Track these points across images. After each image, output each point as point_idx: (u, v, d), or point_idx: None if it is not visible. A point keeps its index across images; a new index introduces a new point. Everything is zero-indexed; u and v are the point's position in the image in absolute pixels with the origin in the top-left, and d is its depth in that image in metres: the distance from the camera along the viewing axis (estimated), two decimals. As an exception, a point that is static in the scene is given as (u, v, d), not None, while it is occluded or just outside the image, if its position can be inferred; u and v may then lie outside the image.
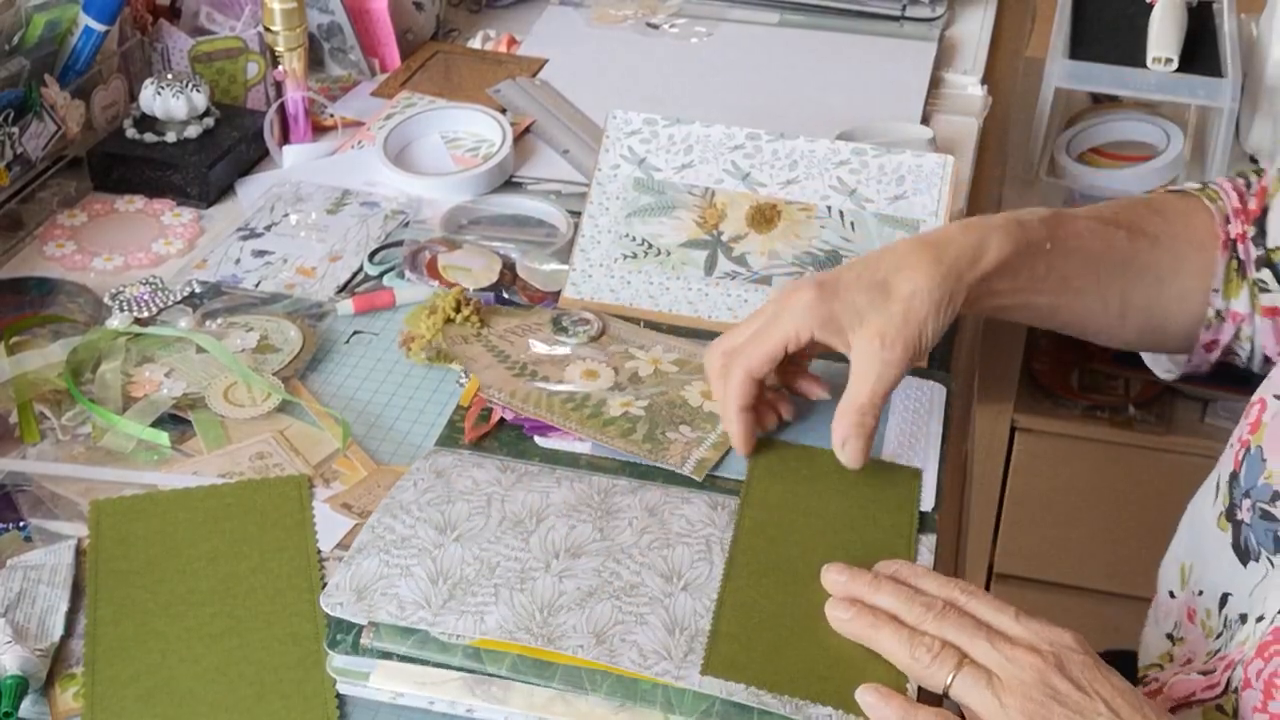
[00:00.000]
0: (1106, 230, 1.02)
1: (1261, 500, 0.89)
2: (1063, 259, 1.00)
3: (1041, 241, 0.99)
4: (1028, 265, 0.98)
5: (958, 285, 0.95)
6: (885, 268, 0.95)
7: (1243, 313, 1.03)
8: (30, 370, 1.07)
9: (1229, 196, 1.05)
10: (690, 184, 1.20)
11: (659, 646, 0.81)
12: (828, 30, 1.62)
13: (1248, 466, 0.91)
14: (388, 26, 1.51)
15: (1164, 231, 1.04)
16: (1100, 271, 1.01)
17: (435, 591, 0.84)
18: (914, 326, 0.93)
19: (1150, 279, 1.03)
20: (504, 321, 1.10)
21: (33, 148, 1.26)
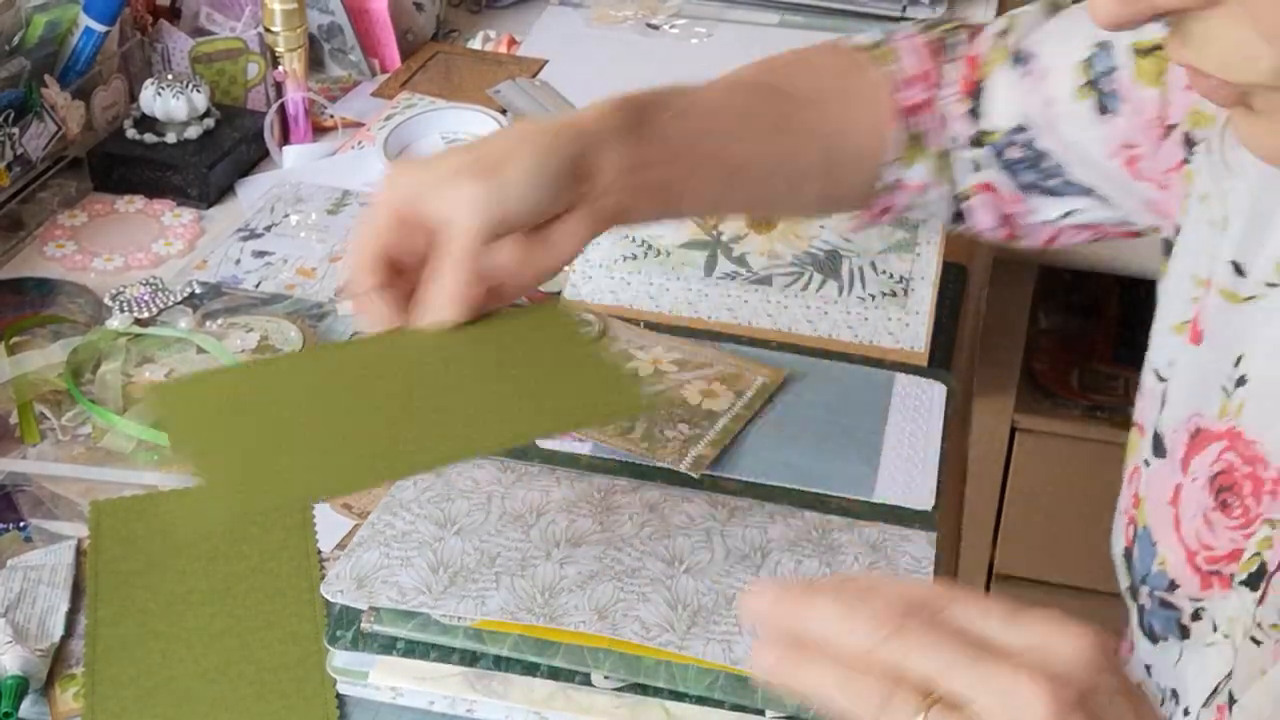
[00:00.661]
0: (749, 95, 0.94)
1: (1159, 589, 0.82)
2: (704, 122, 0.90)
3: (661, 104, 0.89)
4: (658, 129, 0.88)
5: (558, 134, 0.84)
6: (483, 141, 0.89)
7: (917, 183, 0.96)
8: (30, 370, 1.07)
9: (907, 60, 0.96)
10: (690, 184, 1.20)
11: (661, 620, 0.82)
12: (828, 30, 1.62)
13: (1140, 549, 0.84)
14: (388, 27, 1.51)
15: (823, 92, 0.96)
16: (757, 137, 0.92)
17: (436, 579, 0.84)
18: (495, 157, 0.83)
19: (816, 143, 0.95)
20: None
21: (33, 148, 1.26)
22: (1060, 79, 0.91)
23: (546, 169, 0.82)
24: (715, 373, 1.06)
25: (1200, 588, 0.80)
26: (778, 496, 0.96)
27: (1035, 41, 0.94)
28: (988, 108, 0.95)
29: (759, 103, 0.94)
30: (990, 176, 0.95)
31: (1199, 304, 0.83)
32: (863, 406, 1.05)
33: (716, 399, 1.03)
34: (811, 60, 0.99)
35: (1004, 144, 0.94)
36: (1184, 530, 0.81)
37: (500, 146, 0.83)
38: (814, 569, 0.87)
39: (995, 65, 0.95)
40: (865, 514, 0.95)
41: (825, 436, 1.01)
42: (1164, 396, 0.85)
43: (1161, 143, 0.86)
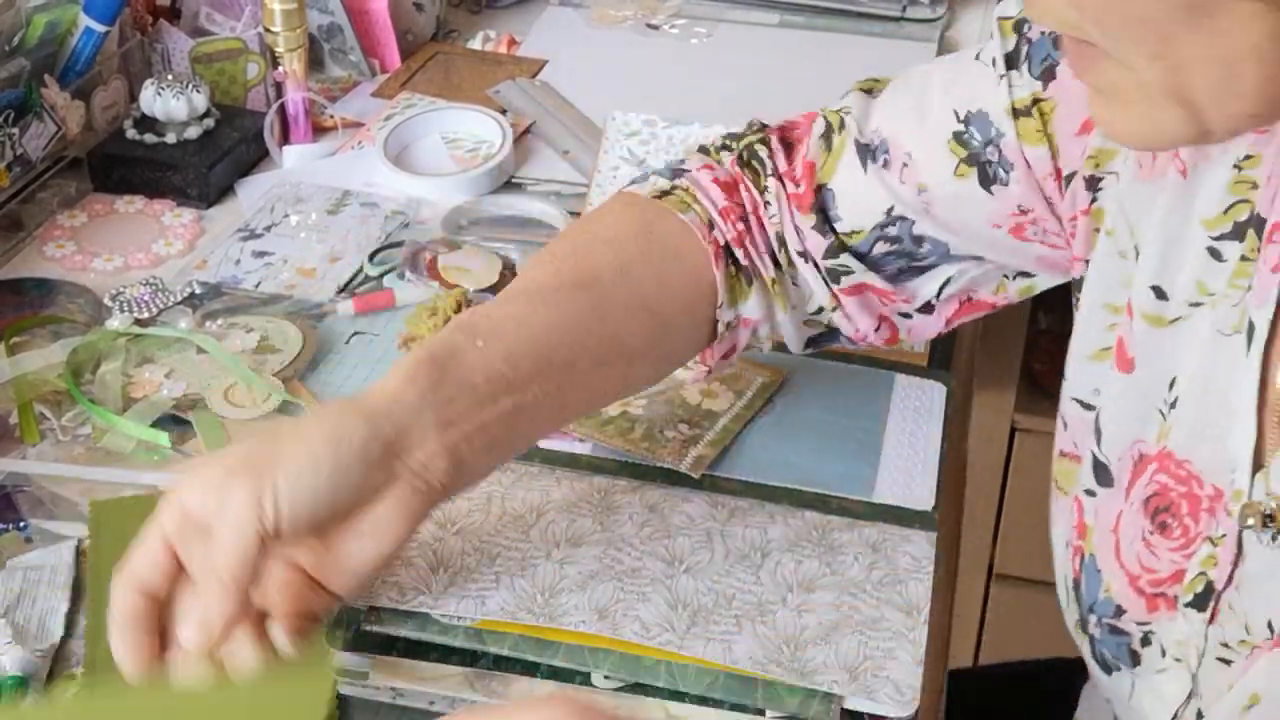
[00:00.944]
0: (544, 295, 0.87)
1: (1106, 616, 0.82)
2: (518, 344, 0.83)
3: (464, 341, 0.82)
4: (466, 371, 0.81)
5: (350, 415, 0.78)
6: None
7: (754, 317, 0.93)
8: (30, 371, 1.07)
9: (708, 199, 0.92)
10: (690, 184, 1.20)
11: (661, 620, 0.82)
12: (828, 30, 1.62)
13: (1086, 578, 0.84)
14: (388, 27, 1.51)
15: (627, 264, 0.89)
16: (578, 338, 0.86)
17: (435, 579, 0.84)
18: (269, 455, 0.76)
19: (641, 316, 0.89)
20: None
21: (33, 148, 1.26)
22: (931, 162, 0.88)
23: (327, 461, 0.75)
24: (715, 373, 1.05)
25: (1147, 610, 0.80)
26: (778, 496, 0.96)
27: (876, 130, 0.91)
28: (841, 212, 0.91)
29: (565, 304, 0.87)
30: (861, 278, 0.92)
31: (1119, 331, 0.83)
32: (863, 406, 1.05)
33: (716, 399, 1.03)
34: (606, 234, 0.92)
35: (870, 241, 0.91)
36: (1124, 555, 0.81)
37: (273, 438, 0.76)
38: (814, 569, 0.87)
39: (836, 167, 0.91)
40: (865, 514, 0.95)
41: (825, 436, 1.01)
42: (1097, 425, 0.84)
43: (1062, 193, 0.85)
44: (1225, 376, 0.76)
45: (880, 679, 0.80)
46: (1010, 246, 0.89)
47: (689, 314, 0.91)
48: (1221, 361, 0.76)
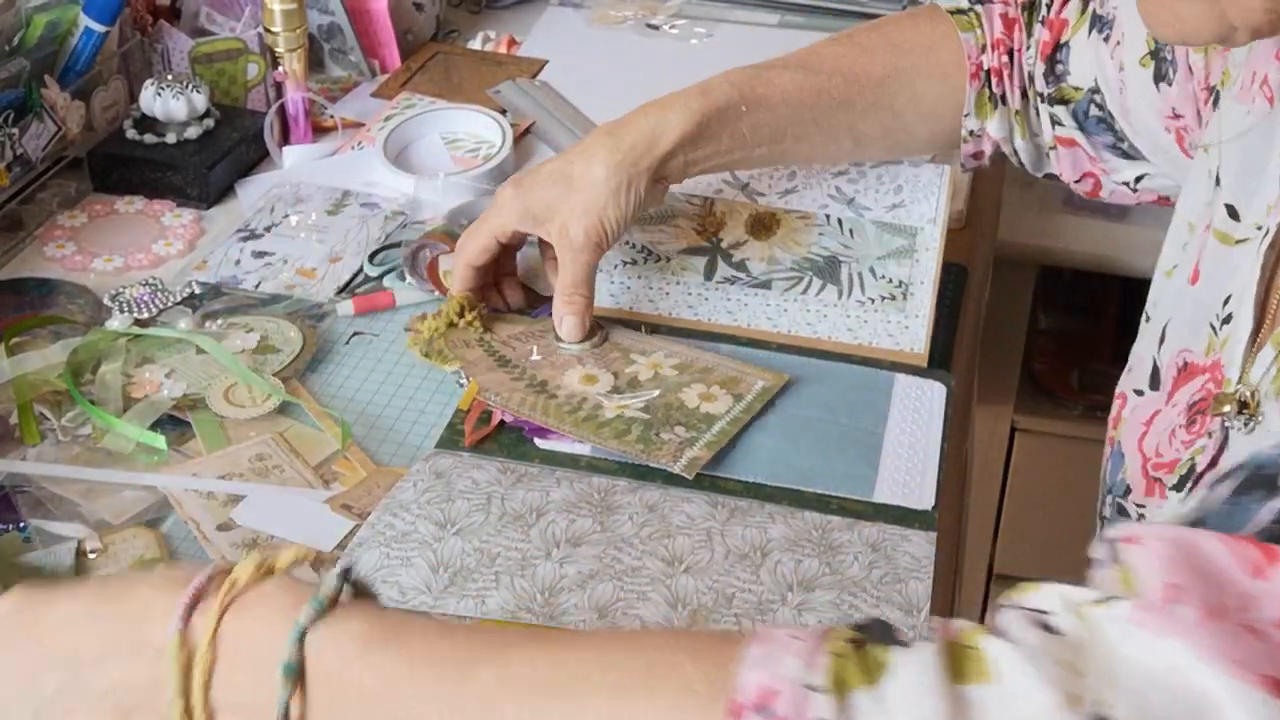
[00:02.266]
0: (816, 79, 1.07)
1: (1118, 496, 0.89)
2: (767, 113, 1.06)
3: (734, 105, 1.04)
4: (724, 130, 1.05)
5: (635, 170, 1.04)
6: (572, 158, 1.05)
7: (996, 136, 1.08)
8: (30, 371, 1.07)
9: (990, 25, 1.06)
10: (689, 193, 1.20)
11: (661, 619, 0.82)
12: (828, 31, 1.61)
13: (1111, 463, 0.91)
14: (388, 27, 1.51)
15: (900, 66, 1.08)
16: (818, 118, 1.07)
17: (436, 579, 0.84)
18: (594, 215, 1.04)
19: (884, 112, 1.08)
20: (507, 328, 1.10)
21: (33, 148, 1.26)
22: (1130, 45, 0.97)
23: (632, 206, 1.05)
24: (716, 377, 1.05)
25: (1144, 492, 0.86)
26: (778, 496, 0.96)
27: (1114, 5, 1.00)
28: (1068, 68, 1.02)
29: (825, 88, 1.08)
30: (1071, 134, 1.03)
31: (1194, 248, 0.88)
32: (863, 407, 1.05)
33: (715, 402, 1.02)
34: (896, 38, 1.11)
35: (1085, 103, 1.01)
36: (1146, 442, 0.87)
37: (591, 193, 1.04)
38: (814, 569, 0.87)
39: (1078, 28, 1.02)
40: (865, 514, 0.95)
41: (825, 437, 1.01)
42: (1163, 332, 0.89)
43: (1207, 107, 0.90)
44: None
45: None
46: (1174, 156, 0.96)
47: (931, 121, 1.09)
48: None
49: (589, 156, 1.05)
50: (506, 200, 1.07)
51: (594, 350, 1.08)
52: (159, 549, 0.94)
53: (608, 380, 1.04)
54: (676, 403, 1.02)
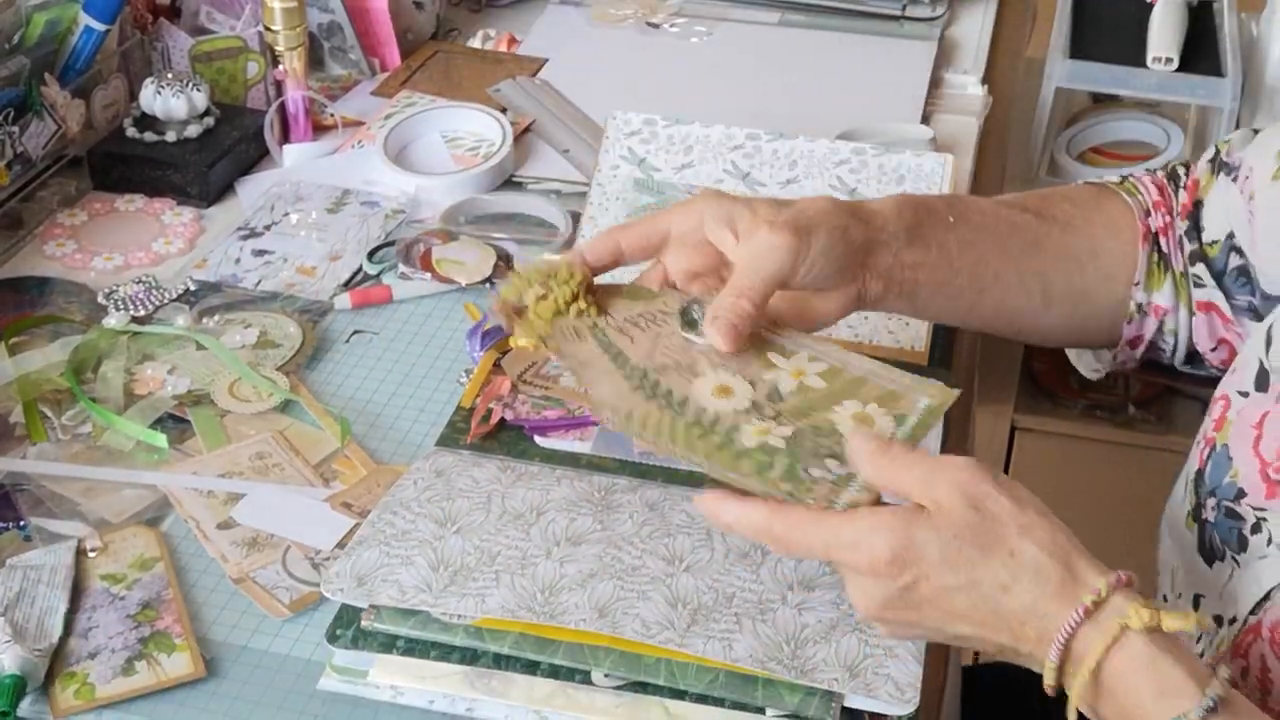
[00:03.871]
0: (1011, 212, 1.02)
1: (1226, 498, 0.88)
2: (971, 234, 0.99)
3: (942, 212, 0.99)
4: (934, 235, 0.97)
5: (855, 222, 0.93)
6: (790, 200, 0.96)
7: (1166, 306, 1.02)
8: (33, 370, 1.07)
9: (1147, 190, 1.05)
10: (690, 184, 1.20)
11: (661, 618, 0.82)
12: (828, 30, 1.62)
13: (1213, 465, 0.90)
14: (388, 26, 1.51)
15: (1077, 216, 1.04)
16: (1013, 252, 1.00)
17: (436, 577, 0.84)
18: (805, 223, 0.89)
19: (1070, 263, 1.02)
20: (624, 308, 0.90)
21: (33, 147, 1.26)
22: (1260, 169, 0.97)
23: (838, 250, 0.91)
24: (871, 391, 0.86)
25: (1265, 496, 0.85)
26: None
27: (1241, 151, 1.00)
28: (1205, 221, 1.01)
29: (1019, 223, 1.01)
30: (1211, 296, 1.01)
31: None
32: (863, 405, 1.05)
33: (872, 427, 0.84)
34: (1068, 193, 1.07)
35: (1223, 254, 0.99)
36: (1263, 446, 0.87)
37: (810, 212, 0.91)
38: (814, 568, 0.87)
39: (1210, 185, 1.01)
40: (865, 513, 0.94)
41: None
42: (1269, 334, 0.90)
43: None
44: None
45: (880, 677, 0.80)
46: None
47: (1108, 284, 1.02)
48: None
49: (811, 197, 0.95)
50: (704, 198, 0.93)
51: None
52: (159, 548, 0.94)
53: (745, 393, 0.85)
54: (826, 426, 0.83)
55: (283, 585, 0.91)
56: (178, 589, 0.91)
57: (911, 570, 0.75)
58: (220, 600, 0.91)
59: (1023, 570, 0.76)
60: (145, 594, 0.90)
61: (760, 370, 0.87)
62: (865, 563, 0.76)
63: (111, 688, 0.84)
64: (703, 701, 0.81)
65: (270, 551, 0.94)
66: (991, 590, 0.75)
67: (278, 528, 0.95)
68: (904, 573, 0.75)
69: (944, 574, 0.75)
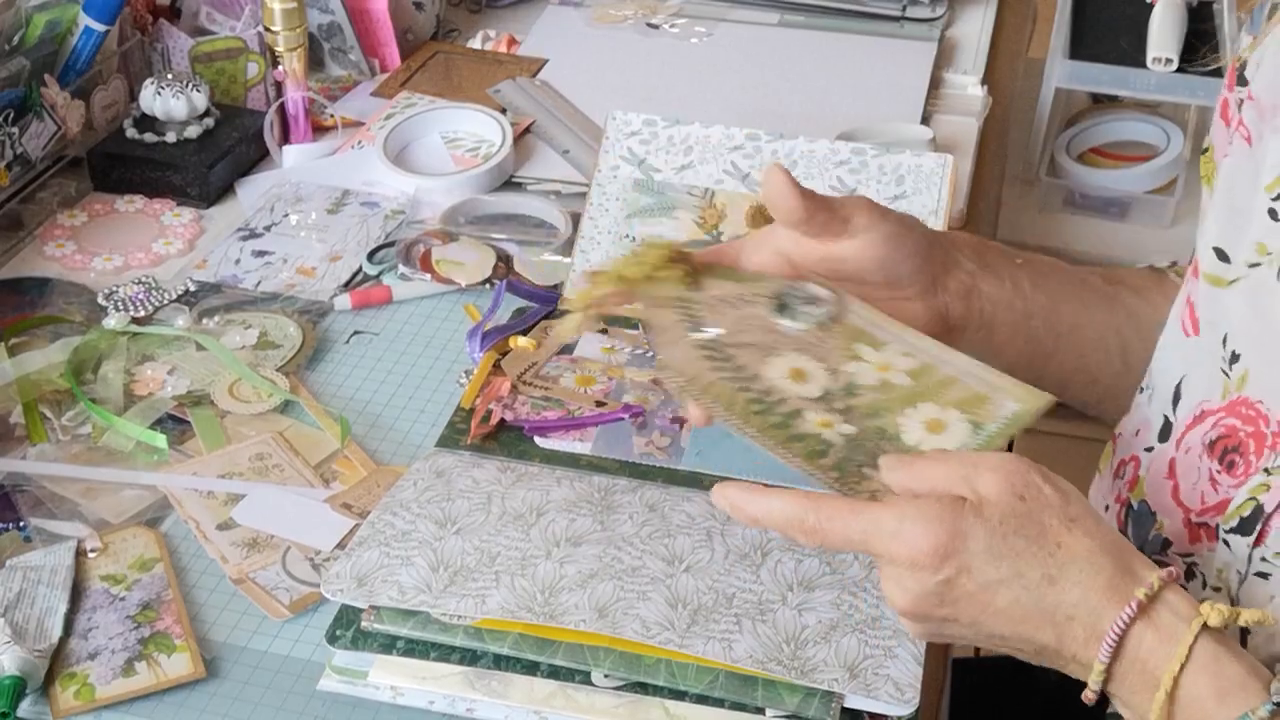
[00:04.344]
0: (1079, 270, 0.98)
1: (1154, 553, 0.85)
2: (1041, 278, 0.95)
3: (1008, 251, 0.95)
4: (1005, 269, 0.93)
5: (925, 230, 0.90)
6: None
7: None
8: (33, 371, 1.07)
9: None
10: (690, 184, 1.20)
11: (661, 619, 0.82)
12: (828, 30, 1.62)
13: (1134, 523, 0.87)
14: (388, 26, 1.51)
15: (1143, 286, 1.00)
16: (1088, 304, 0.96)
17: (436, 578, 0.84)
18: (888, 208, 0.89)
19: (1145, 329, 0.96)
20: (717, 286, 0.87)
21: (33, 148, 1.26)
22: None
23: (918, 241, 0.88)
24: (956, 394, 0.81)
25: (1189, 541, 0.83)
26: (778, 496, 0.95)
27: None
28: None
29: (1088, 280, 0.97)
30: None
31: (1187, 292, 0.87)
32: (863, 406, 1.05)
33: (943, 433, 0.79)
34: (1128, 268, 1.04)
35: None
36: (1183, 494, 0.84)
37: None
38: (814, 568, 0.87)
39: None
40: (865, 513, 0.94)
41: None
42: (1178, 390, 0.87)
43: None
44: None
45: (880, 677, 0.80)
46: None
47: None
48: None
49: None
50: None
51: (819, 331, 0.84)
52: (159, 548, 0.94)
53: (820, 379, 0.82)
54: (893, 430, 0.79)
55: (282, 586, 0.91)
56: (178, 590, 0.91)
57: (954, 561, 0.72)
58: (220, 601, 0.91)
59: (1071, 562, 0.72)
60: (145, 595, 0.90)
61: (843, 360, 0.83)
62: (906, 553, 0.72)
63: (111, 688, 0.84)
64: (703, 702, 0.81)
65: (270, 552, 0.94)
66: (1037, 583, 0.72)
67: (278, 528, 0.95)
68: (946, 564, 0.72)
69: (987, 566, 0.72)
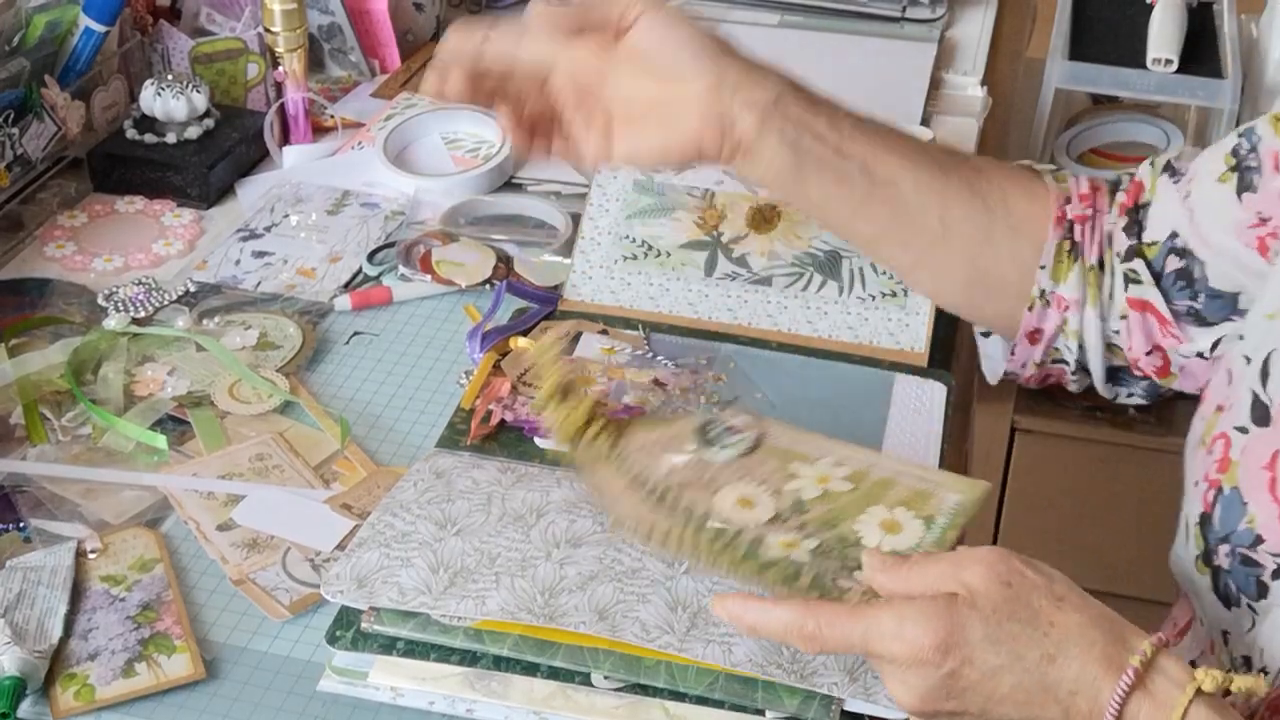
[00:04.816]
0: (914, 141, 0.97)
1: (1242, 546, 0.85)
2: (869, 127, 0.94)
3: (828, 100, 0.94)
4: (823, 104, 0.93)
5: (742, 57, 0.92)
6: None
7: (1070, 299, 0.97)
8: (33, 371, 1.07)
9: (1077, 183, 1.00)
10: (690, 185, 1.20)
11: (661, 622, 0.82)
12: (828, 30, 1.62)
13: (1223, 509, 0.86)
14: (388, 27, 1.51)
15: (994, 169, 0.99)
16: (915, 166, 0.95)
17: (436, 579, 0.84)
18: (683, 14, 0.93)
19: (976, 202, 0.96)
20: (641, 435, 0.89)
21: (33, 148, 1.26)
22: (1204, 172, 0.94)
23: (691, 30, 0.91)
24: (899, 494, 0.84)
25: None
26: (778, 497, 0.95)
27: (1190, 158, 0.97)
28: (1148, 222, 0.97)
29: (926, 145, 0.97)
30: (1146, 294, 0.96)
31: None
32: (863, 406, 1.05)
33: (900, 533, 0.82)
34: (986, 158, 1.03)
35: (1163, 254, 0.95)
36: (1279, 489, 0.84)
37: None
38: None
39: (1155, 187, 0.98)
40: (865, 514, 0.94)
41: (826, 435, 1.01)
42: (1265, 367, 0.86)
43: None
44: None
45: (880, 681, 0.80)
46: (1257, 269, 0.91)
47: (1013, 243, 0.97)
48: None
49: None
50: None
51: (746, 458, 0.88)
52: (159, 549, 0.94)
53: (768, 504, 0.84)
54: (852, 536, 0.81)
55: (282, 587, 0.91)
56: (178, 590, 0.91)
57: (956, 654, 0.74)
58: (220, 602, 0.91)
59: (1066, 639, 0.74)
60: (145, 595, 0.90)
61: (783, 480, 0.86)
62: (908, 651, 0.74)
63: (111, 689, 0.84)
64: (703, 703, 0.81)
65: (270, 553, 0.94)
66: (1037, 663, 0.74)
67: (278, 529, 0.95)
68: (948, 658, 0.73)
69: (987, 654, 0.74)
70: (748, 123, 0.90)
